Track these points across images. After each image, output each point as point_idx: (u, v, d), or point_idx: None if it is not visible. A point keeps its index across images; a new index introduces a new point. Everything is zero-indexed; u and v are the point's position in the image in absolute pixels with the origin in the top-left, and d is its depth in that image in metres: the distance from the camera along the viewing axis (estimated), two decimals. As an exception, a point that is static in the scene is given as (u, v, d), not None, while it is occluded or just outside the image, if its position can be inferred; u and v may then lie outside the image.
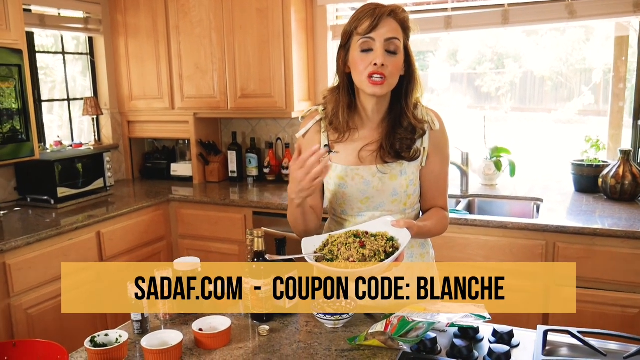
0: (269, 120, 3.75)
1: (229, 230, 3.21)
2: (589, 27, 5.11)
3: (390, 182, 1.56)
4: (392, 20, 1.46)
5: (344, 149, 1.59)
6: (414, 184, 1.59)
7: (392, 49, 1.45)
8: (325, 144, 1.62)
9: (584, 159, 3.08)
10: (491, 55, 6.63)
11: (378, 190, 1.57)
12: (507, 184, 3.32)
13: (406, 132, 1.54)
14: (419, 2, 3.38)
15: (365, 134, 1.58)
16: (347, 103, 1.55)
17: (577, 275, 2.44)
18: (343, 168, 1.58)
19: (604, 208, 2.73)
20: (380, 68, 1.44)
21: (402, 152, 1.54)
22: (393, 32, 1.45)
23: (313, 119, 1.64)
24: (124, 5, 3.63)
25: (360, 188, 1.57)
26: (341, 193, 1.60)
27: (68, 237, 2.70)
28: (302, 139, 1.66)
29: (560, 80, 6.54)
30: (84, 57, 3.78)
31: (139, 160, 4.00)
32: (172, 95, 3.62)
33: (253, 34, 3.29)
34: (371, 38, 1.44)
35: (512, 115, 6.72)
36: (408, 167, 1.57)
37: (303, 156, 1.37)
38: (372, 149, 1.57)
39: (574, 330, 1.32)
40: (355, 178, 1.57)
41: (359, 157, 1.58)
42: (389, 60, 1.45)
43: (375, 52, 1.44)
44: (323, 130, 1.62)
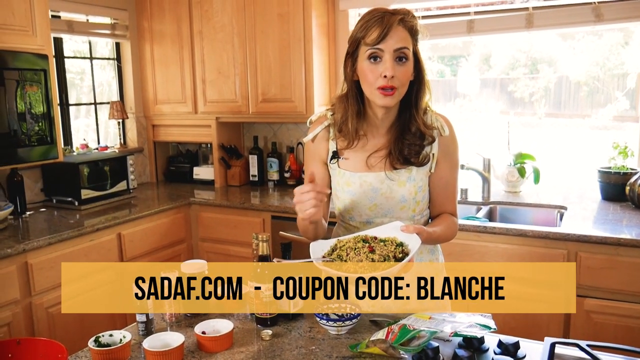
0: (290, 125, 3.76)
1: (248, 234, 3.22)
2: (627, 30, 4.96)
3: (399, 189, 1.54)
4: (401, 29, 1.42)
5: (353, 155, 1.57)
6: (422, 190, 1.57)
7: (401, 59, 1.42)
8: (334, 150, 1.61)
9: (611, 166, 2.99)
10: (525, 60, 6.51)
11: (386, 197, 1.55)
12: (531, 191, 3.24)
13: (415, 138, 1.51)
14: (442, 7, 3.34)
15: (374, 141, 1.56)
16: (356, 111, 1.52)
17: (599, 286, 2.36)
18: (351, 175, 1.57)
19: (631, 217, 2.64)
20: (390, 80, 1.41)
21: (411, 157, 1.52)
22: (402, 42, 1.41)
23: (321, 124, 1.62)
24: (150, 12, 3.70)
25: (368, 195, 1.56)
26: (349, 200, 1.58)
27: (89, 238, 2.76)
28: (311, 144, 1.65)
29: (597, 86, 6.37)
30: (106, 62, 3.86)
31: (163, 163, 4.06)
32: (195, 99, 3.67)
33: (274, 39, 3.31)
34: (380, 49, 1.41)
35: (546, 121, 6.58)
36: (417, 174, 1.54)
37: (302, 189, 1.38)
38: (381, 155, 1.55)
39: (583, 344, 1.28)
40: (363, 185, 1.56)
41: (367, 163, 1.56)
42: (398, 70, 1.42)
43: (385, 64, 1.40)
44: (332, 137, 1.60)
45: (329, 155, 1.61)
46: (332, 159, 1.60)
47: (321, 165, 1.63)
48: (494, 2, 3.22)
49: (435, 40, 3.45)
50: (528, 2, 3.04)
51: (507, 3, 3.18)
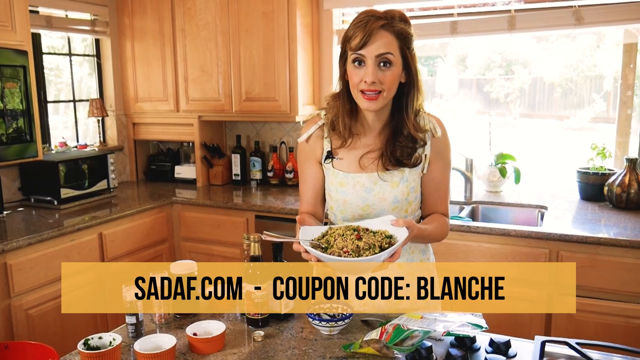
0: (273, 124, 3.75)
1: (231, 234, 3.21)
2: (600, 33, 5.07)
3: (392, 190, 1.55)
4: (385, 34, 1.41)
5: (346, 155, 1.58)
6: (415, 190, 1.58)
7: (384, 64, 1.42)
8: (328, 149, 1.61)
9: (590, 167, 3.05)
10: (500, 61, 6.60)
11: (379, 198, 1.55)
12: (511, 191, 3.29)
13: (407, 140, 1.52)
14: (425, 7, 3.36)
15: (367, 142, 1.57)
16: (348, 110, 1.54)
17: (580, 285, 2.41)
18: (345, 175, 1.57)
19: (609, 217, 2.70)
20: (371, 85, 1.42)
21: (404, 159, 1.53)
22: (385, 47, 1.41)
23: (315, 124, 1.62)
24: (130, 8, 3.65)
25: (361, 195, 1.56)
26: (342, 200, 1.59)
27: (70, 238, 2.71)
28: (305, 144, 1.65)
29: (570, 87, 6.49)
30: (92, 58, 3.79)
31: (143, 162, 4.01)
32: (177, 97, 3.63)
33: (258, 38, 3.29)
34: (362, 55, 1.42)
35: (520, 122, 6.68)
36: (409, 174, 1.55)
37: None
38: (374, 156, 1.56)
39: (572, 342, 1.30)
40: (356, 185, 1.56)
41: (360, 164, 1.57)
42: (382, 75, 1.42)
43: (366, 69, 1.42)
44: (326, 136, 1.61)
45: (323, 154, 1.61)
46: (326, 158, 1.61)
47: (316, 164, 1.64)
48: (476, 4, 3.26)
49: (419, 40, 3.47)
50: (509, 5, 3.08)
51: (489, 5, 3.22)
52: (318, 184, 1.64)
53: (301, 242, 1.36)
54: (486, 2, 3.21)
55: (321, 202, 1.67)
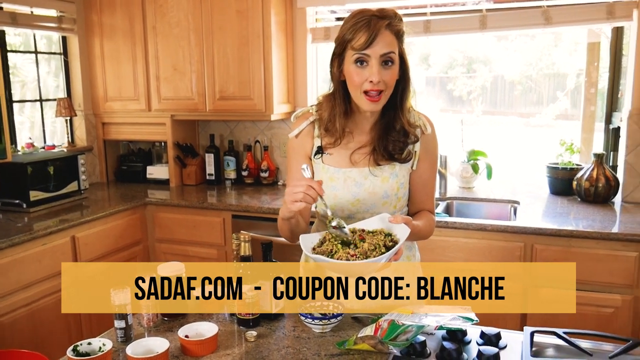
0: (247, 123, 3.72)
1: (208, 234, 3.17)
2: (557, 32, 5.21)
3: (382, 185, 1.56)
4: (388, 33, 1.43)
5: (337, 151, 1.59)
6: (404, 186, 1.60)
7: (387, 62, 1.43)
8: (319, 145, 1.61)
9: (559, 162, 3.15)
10: (462, 60, 6.72)
11: (369, 192, 1.57)
12: (484, 186, 3.37)
13: (399, 135, 1.54)
14: (399, 7, 3.40)
15: (359, 138, 1.58)
16: (343, 111, 1.53)
17: (554, 276, 2.48)
18: (335, 170, 1.58)
19: (579, 210, 2.79)
20: (376, 85, 1.42)
21: (395, 153, 1.55)
22: (389, 47, 1.43)
23: (307, 120, 1.62)
24: (99, 5, 3.56)
25: (352, 190, 1.57)
26: (332, 195, 1.59)
27: (42, 242, 2.63)
28: (295, 139, 1.64)
29: (530, 85, 6.66)
30: (54, 56, 3.68)
31: (113, 162, 3.92)
32: (148, 96, 3.56)
33: (232, 36, 3.26)
34: (366, 54, 1.42)
35: (483, 119, 6.82)
36: (399, 170, 1.57)
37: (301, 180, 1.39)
38: (365, 152, 1.57)
39: (560, 331, 1.35)
40: (347, 180, 1.57)
41: (351, 159, 1.58)
42: (384, 74, 1.43)
43: (371, 69, 1.42)
44: (317, 134, 1.61)
45: (313, 150, 1.62)
46: (316, 154, 1.61)
47: (305, 160, 1.64)
48: (447, 4, 3.31)
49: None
50: (479, 4, 3.15)
51: (459, 5, 3.28)
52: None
53: (307, 253, 1.36)
54: (457, 2, 3.27)
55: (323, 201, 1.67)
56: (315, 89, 3.59)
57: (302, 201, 1.36)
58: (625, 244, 2.38)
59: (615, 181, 2.87)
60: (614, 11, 2.83)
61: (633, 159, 2.90)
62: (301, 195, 1.35)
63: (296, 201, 1.36)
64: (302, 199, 1.35)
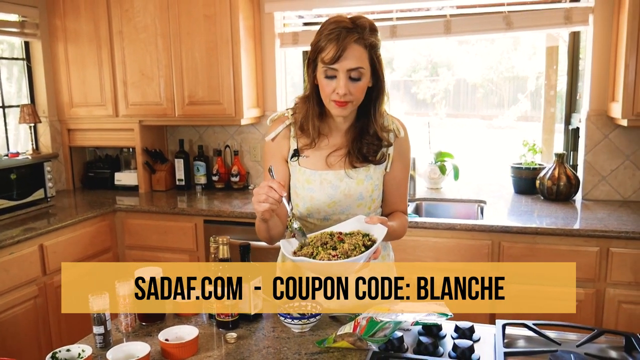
0: (216, 128, 3.72)
1: (179, 240, 3.15)
2: (516, 37, 5.38)
3: (357, 187, 1.60)
4: (357, 47, 1.44)
5: (313, 154, 1.62)
6: (378, 188, 1.65)
7: (355, 77, 1.46)
8: (295, 148, 1.64)
9: (522, 162, 3.25)
10: (425, 64, 6.86)
11: (345, 194, 1.61)
12: (451, 187, 3.45)
13: (373, 139, 1.58)
14: (366, 12, 3.46)
15: (334, 141, 1.62)
16: (317, 112, 1.58)
17: (521, 273, 2.57)
18: (312, 172, 1.61)
19: (542, 208, 2.90)
20: (343, 97, 1.46)
21: (369, 155, 1.59)
22: (357, 62, 1.44)
23: (283, 123, 1.65)
24: (62, 10, 3.50)
25: (328, 192, 1.61)
26: (309, 197, 1.62)
27: (9, 251, 2.57)
28: (271, 143, 1.67)
29: (491, 88, 6.85)
30: (16, 62, 3.60)
31: (79, 169, 3.85)
32: (115, 102, 3.52)
33: (201, 41, 3.26)
34: (334, 69, 1.44)
35: (447, 121, 6.97)
36: (374, 172, 1.62)
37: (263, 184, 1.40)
38: (340, 154, 1.61)
39: (530, 323, 1.41)
40: (323, 182, 1.61)
41: (327, 162, 1.61)
42: (352, 87, 1.46)
43: (339, 82, 1.45)
44: (293, 135, 1.64)
45: (289, 152, 1.65)
46: (292, 156, 1.64)
47: (282, 162, 1.66)
48: (412, 9, 3.39)
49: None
50: (442, 10, 3.23)
51: (424, 10, 3.36)
52: (283, 183, 1.66)
53: (287, 256, 1.39)
54: (421, 7, 3.35)
55: (286, 200, 1.69)
56: (284, 93, 3.61)
57: (265, 202, 1.38)
58: (587, 239, 2.48)
59: (576, 180, 2.99)
60: (571, 16, 2.95)
61: (592, 158, 3.02)
62: (264, 197, 1.38)
63: (260, 202, 1.39)
64: (264, 200, 1.38)
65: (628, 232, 2.42)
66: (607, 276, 2.48)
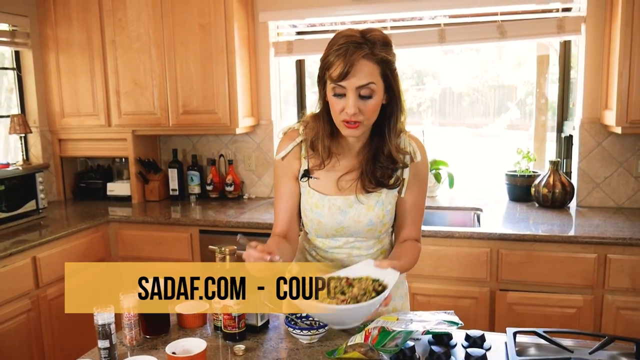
0: (210, 137, 3.69)
1: (175, 250, 3.12)
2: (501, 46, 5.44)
3: (367, 213, 1.54)
4: (366, 63, 1.35)
5: (324, 175, 1.55)
6: (390, 212, 1.57)
7: (366, 94, 1.37)
8: (305, 168, 1.58)
9: (517, 170, 3.27)
10: (411, 73, 6.91)
11: (354, 220, 1.54)
12: (446, 195, 3.46)
13: (387, 161, 1.50)
14: (357, 21, 3.47)
15: (346, 163, 1.54)
16: (328, 131, 1.49)
17: (519, 280, 2.58)
18: (320, 197, 1.55)
19: (538, 215, 2.91)
20: (352, 116, 1.37)
21: (384, 180, 1.51)
22: (366, 78, 1.35)
23: (293, 141, 1.57)
24: (54, 19, 3.47)
25: (336, 218, 1.55)
26: (316, 221, 1.57)
27: (1, 264, 2.52)
28: (281, 161, 1.59)
29: (477, 96, 6.91)
30: (7, 72, 3.55)
31: (71, 180, 3.80)
32: (108, 112, 3.49)
33: (195, 50, 3.24)
34: (342, 86, 1.36)
35: (434, 130, 7.02)
36: (386, 197, 1.54)
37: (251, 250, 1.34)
38: (352, 177, 1.53)
39: (540, 331, 1.40)
40: (331, 208, 1.55)
41: (338, 186, 1.54)
42: (362, 105, 1.37)
43: (347, 101, 1.36)
44: (304, 155, 1.57)
45: (300, 171, 1.58)
46: (302, 177, 1.58)
47: (292, 180, 1.60)
48: (405, 18, 3.41)
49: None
50: (435, 19, 3.26)
51: (417, 19, 3.38)
52: (293, 202, 1.61)
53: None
54: (414, 17, 3.37)
55: (296, 219, 1.64)
56: (279, 103, 3.61)
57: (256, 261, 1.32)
58: (584, 246, 2.50)
59: (570, 187, 3.01)
60: (564, 26, 2.99)
61: (586, 165, 3.05)
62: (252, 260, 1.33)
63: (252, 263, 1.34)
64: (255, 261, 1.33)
65: (625, 238, 2.44)
66: (605, 283, 2.49)
